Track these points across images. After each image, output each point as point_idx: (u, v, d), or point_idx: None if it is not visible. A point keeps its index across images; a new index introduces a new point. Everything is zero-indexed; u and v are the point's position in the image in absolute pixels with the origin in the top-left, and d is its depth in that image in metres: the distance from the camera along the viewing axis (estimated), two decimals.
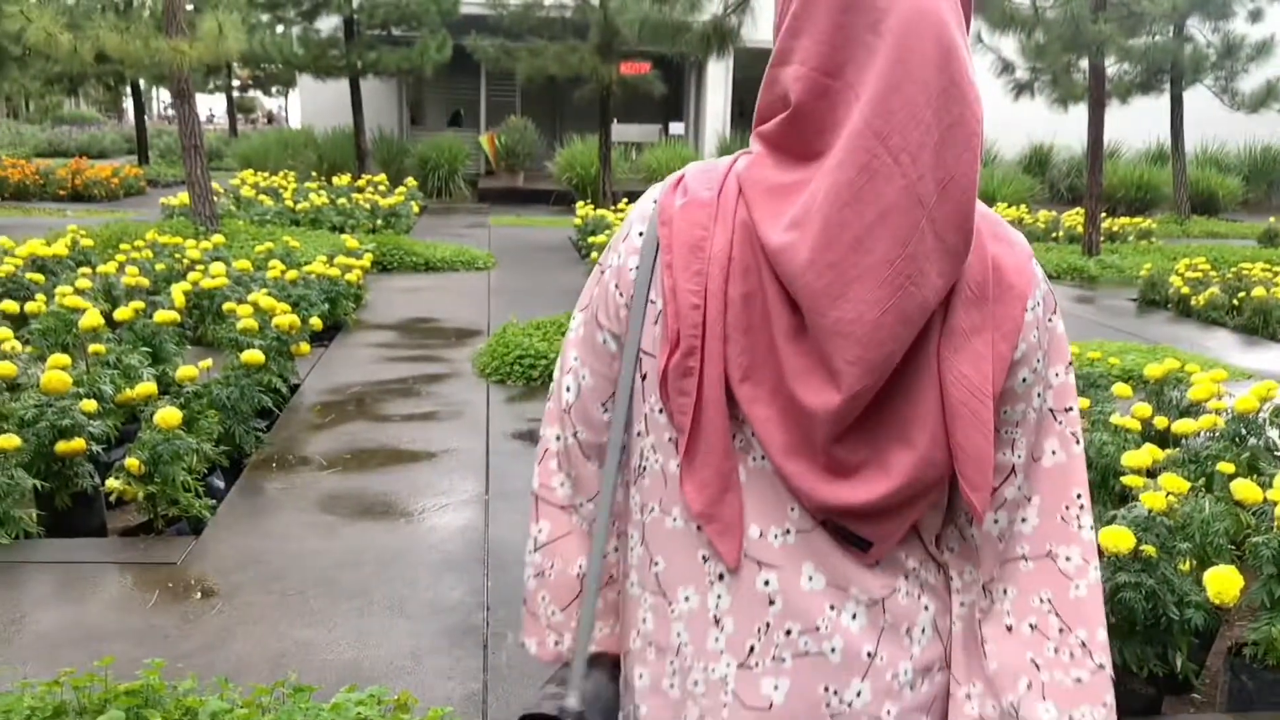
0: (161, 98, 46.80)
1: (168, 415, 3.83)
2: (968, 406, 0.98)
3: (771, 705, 1.05)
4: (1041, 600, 1.05)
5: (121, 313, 5.45)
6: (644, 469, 1.10)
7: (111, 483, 3.84)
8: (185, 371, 4.49)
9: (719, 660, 1.06)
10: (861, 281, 0.92)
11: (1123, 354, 6.94)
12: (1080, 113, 12.49)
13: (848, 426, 0.97)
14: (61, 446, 3.95)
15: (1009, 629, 1.06)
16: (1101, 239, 12.46)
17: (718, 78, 20.78)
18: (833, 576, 1.04)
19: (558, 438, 1.22)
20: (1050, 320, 1.04)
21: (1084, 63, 11.73)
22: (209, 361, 4.89)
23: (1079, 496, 1.06)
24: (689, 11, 7.66)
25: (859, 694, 1.05)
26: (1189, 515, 3.06)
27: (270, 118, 51.17)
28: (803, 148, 0.98)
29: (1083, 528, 1.06)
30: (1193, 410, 4.42)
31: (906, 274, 0.92)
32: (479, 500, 4.24)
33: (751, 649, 1.05)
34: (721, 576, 1.05)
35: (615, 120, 16.49)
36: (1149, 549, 2.69)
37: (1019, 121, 17.09)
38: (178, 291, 6.46)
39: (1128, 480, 3.16)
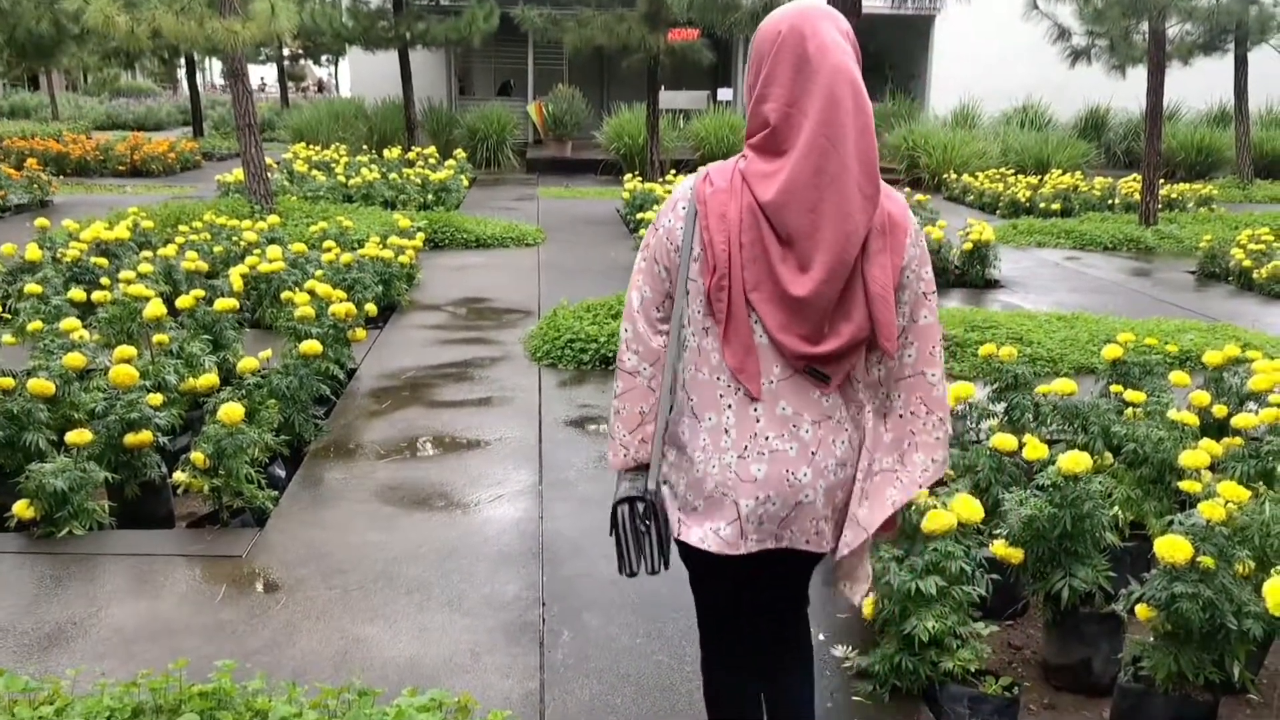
0: (214, 68, 47.21)
1: (231, 410, 3.94)
2: (880, 295, 1.84)
3: (756, 479, 1.88)
4: (916, 398, 1.95)
5: (183, 301, 5.57)
6: (685, 346, 1.94)
7: (178, 476, 3.97)
8: (246, 363, 4.60)
9: (727, 453, 1.89)
10: (826, 218, 1.78)
11: (1180, 334, 6.81)
12: (1138, 73, 12.16)
13: (820, 312, 1.81)
14: (130, 439, 4.09)
15: (900, 415, 1.97)
16: (1159, 207, 12.16)
17: None
18: (796, 407, 1.89)
19: (627, 330, 2.00)
20: (920, 244, 1.91)
21: (1144, 25, 11.42)
22: (268, 352, 5.00)
23: (937, 343, 1.96)
24: None
25: (805, 474, 1.90)
26: (1249, 516, 3.03)
27: (321, 86, 51.49)
28: (777, 148, 1.83)
29: (938, 359, 1.96)
30: (1254, 397, 4.34)
31: (847, 212, 1.78)
32: (533, 490, 4.31)
33: (745, 447, 1.89)
34: (730, 406, 1.89)
35: (663, 87, 16.37)
36: (1206, 560, 2.67)
37: (1074, 83, 16.69)
38: (235, 275, 6.60)
39: (1185, 485, 3.13)
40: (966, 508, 2.99)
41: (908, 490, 1.96)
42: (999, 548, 3.15)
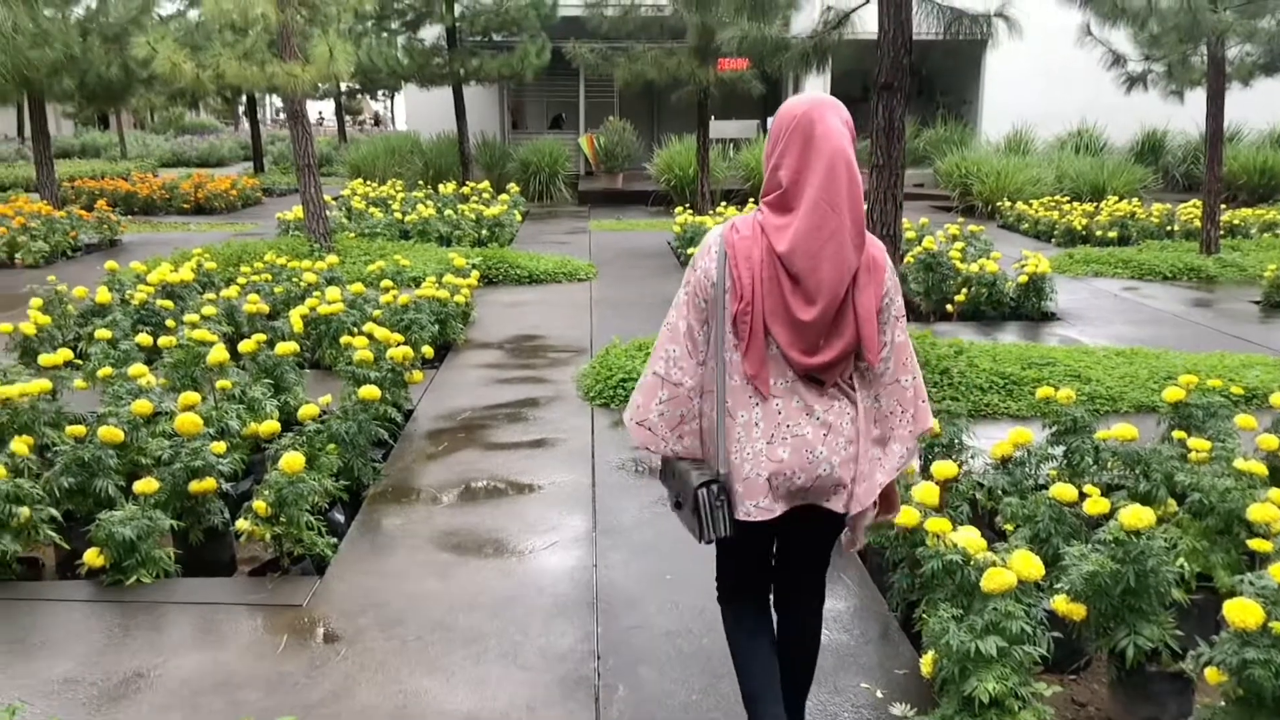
0: (275, 102, 48.39)
1: (292, 460, 4.02)
2: (867, 317, 2.37)
3: (782, 459, 2.38)
4: (894, 400, 2.48)
5: (245, 346, 5.71)
6: (720, 364, 2.40)
7: (241, 524, 4.05)
8: (306, 410, 4.70)
9: (757, 442, 2.39)
10: (825, 262, 2.29)
11: (1245, 369, 6.65)
12: (1197, 94, 11.93)
13: (819, 332, 2.34)
14: (195, 486, 4.19)
15: (885, 414, 2.49)
16: (1221, 234, 11.90)
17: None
18: (804, 402, 2.40)
19: (674, 350, 2.46)
20: (894, 279, 2.44)
21: (1202, 49, 11.23)
22: (328, 398, 5.10)
23: (910, 356, 2.50)
24: (786, 25, 7.63)
25: (821, 452, 2.40)
26: None
27: (377, 119, 52.52)
28: (787, 206, 2.35)
29: (911, 367, 2.50)
30: None
31: (841, 258, 2.30)
32: (587, 538, 4.33)
33: (772, 436, 2.39)
34: (756, 405, 2.39)
35: (713, 118, 16.45)
36: (1279, 626, 2.60)
37: (1130, 106, 16.43)
38: (295, 317, 6.75)
39: (1255, 545, 3.06)
40: (1026, 565, 2.95)
41: (890, 474, 2.52)
42: (1060, 603, 3.11)
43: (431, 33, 18.50)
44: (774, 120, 2.46)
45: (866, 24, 6.64)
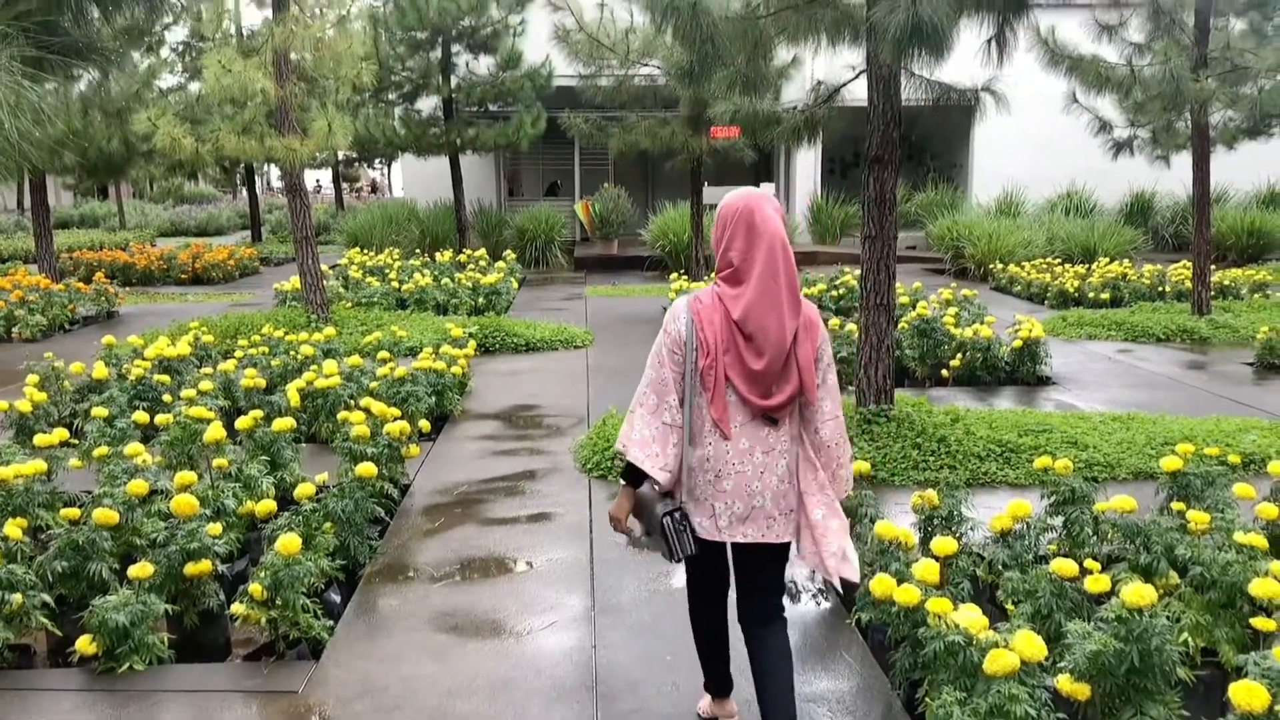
0: (272, 171, 48.96)
1: (288, 542, 3.99)
2: (806, 366, 2.93)
3: (726, 490, 2.93)
4: (833, 430, 3.05)
5: (242, 422, 5.71)
6: (690, 408, 2.94)
7: (236, 607, 4.01)
8: (303, 490, 4.68)
9: (710, 473, 2.95)
10: (770, 324, 2.88)
11: (1241, 434, 6.66)
12: (1184, 157, 12.09)
13: (770, 380, 2.90)
14: (190, 569, 4.16)
15: (825, 446, 3.05)
16: (1212, 295, 12.00)
17: None
18: (753, 441, 2.94)
19: (653, 398, 3.00)
20: (824, 335, 3.01)
21: (1186, 114, 11.42)
22: (324, 476, 5.09)
23: (839, 397, 3.07)
24: (777, 96, 7.77)
25: (757, 486, 2.94)
26: None
27: (374, 186, 53.08)
28: (737, 280, 2.92)
29: (839, 404, 3.07)
30: None
31: (782, 321, 2.89)
32: (586, 617, 4.29)
33: (720, 470, 2.94)
34: (715, 443, 2.93)
35: (706, 184, 16.65)
36: None
37: (1118, 168, 16.68)
38: (293, 391, 6.75)
39: (1259, 623, 3.04)
40: (1029, 646, 2.93)
41: (835, 499, 3.07)
42: (1064, 683, 3.07)
43: (428, 104, 18.78)
44: (719, 213, 3.03)
45: (857, 91, 6.77)
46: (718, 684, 3.37)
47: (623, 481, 3.05)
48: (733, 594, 3.19)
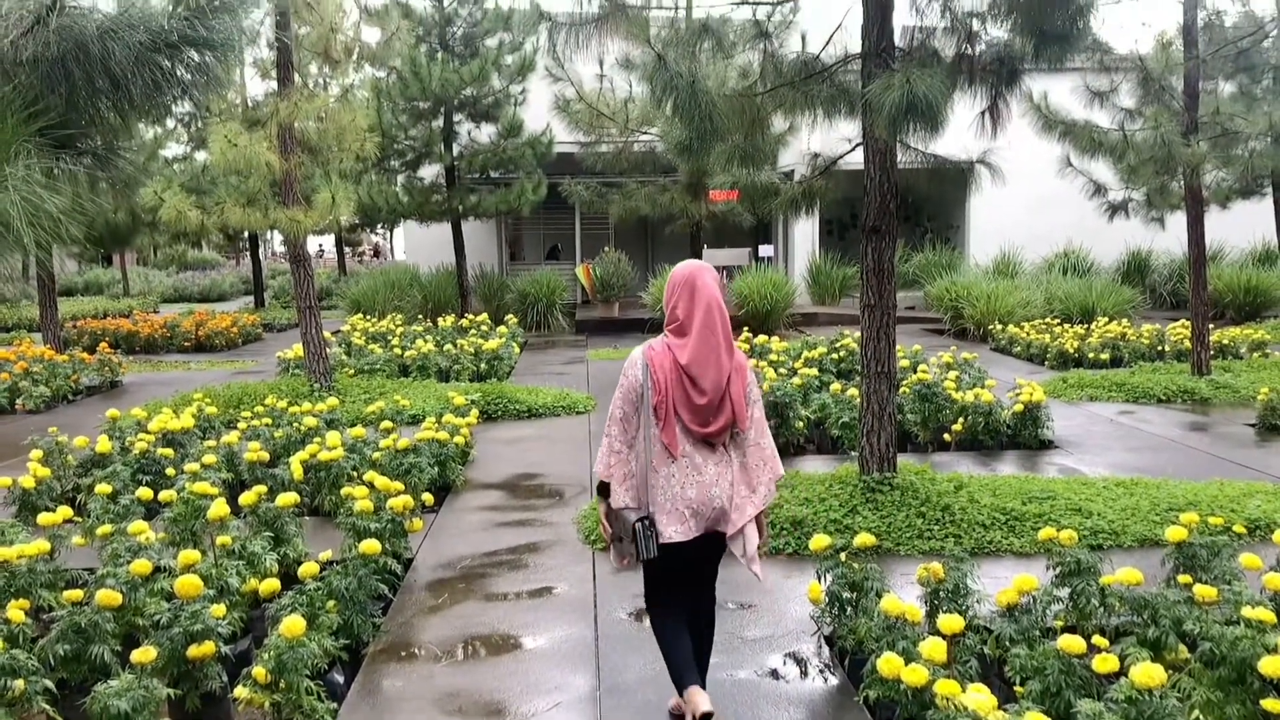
0: (275, 237, 49.46)
1: (293, 624, 3.98)
2: (738, 400, 3.70)
3: (690, 498, 3.66)
4: (757, 456, 3.80)
5: (246, 498, 5.71)
6: (649, 436, 3.67)
7: (239, 691, 3.98)
8: (307, 569, 4.67)
9: (674, 487, 3.67)
10: (709, 368, 3.64)
11: (1246, 499, 6.65)
12: (1178, 217, 12.20)
13: (709, 412, 3.65)
14: (193, 651, 4.13)
15: (751, 466, 3.79)
16: (1211, 354, 12.05)
17: None
18: (702, 460, 3.69)
19: (614, 431, 3.73)
20: (751, 375, 3.82)
21: (1179, 176, 11.57)
22: (328, 553, 5.08)
23: (766, 426, 3.91)
24: (774, 163, 7.88)
25: (714, 492, 3.69)
26: None
27: (377, 251, 53.52)
28: (682, 333, 3.70)
29: (765, 434, 3.87)
30: None
31: (720, 365, 3.66)
32: (591, 697, 4.26)
33: (684, 483, 3.67)
34: (670, 462, 3.66)
35: (705, 246, 16.83)
36: None
37: (1114, 228, 16.86)
38: (296, 464, 6.76)
39: (1269, 705, 3.02)
40: None
41: (759, 506, 3.79)
42: None
43: (430, 171, 19.05)
44: (669, 281, 3.80)
45: (854, 155, 6.88)
46: (682, 676, 3.80)
47: (598, 495, 3.82)
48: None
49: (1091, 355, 13.39)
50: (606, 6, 5.92)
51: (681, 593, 3.89)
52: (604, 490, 3.76)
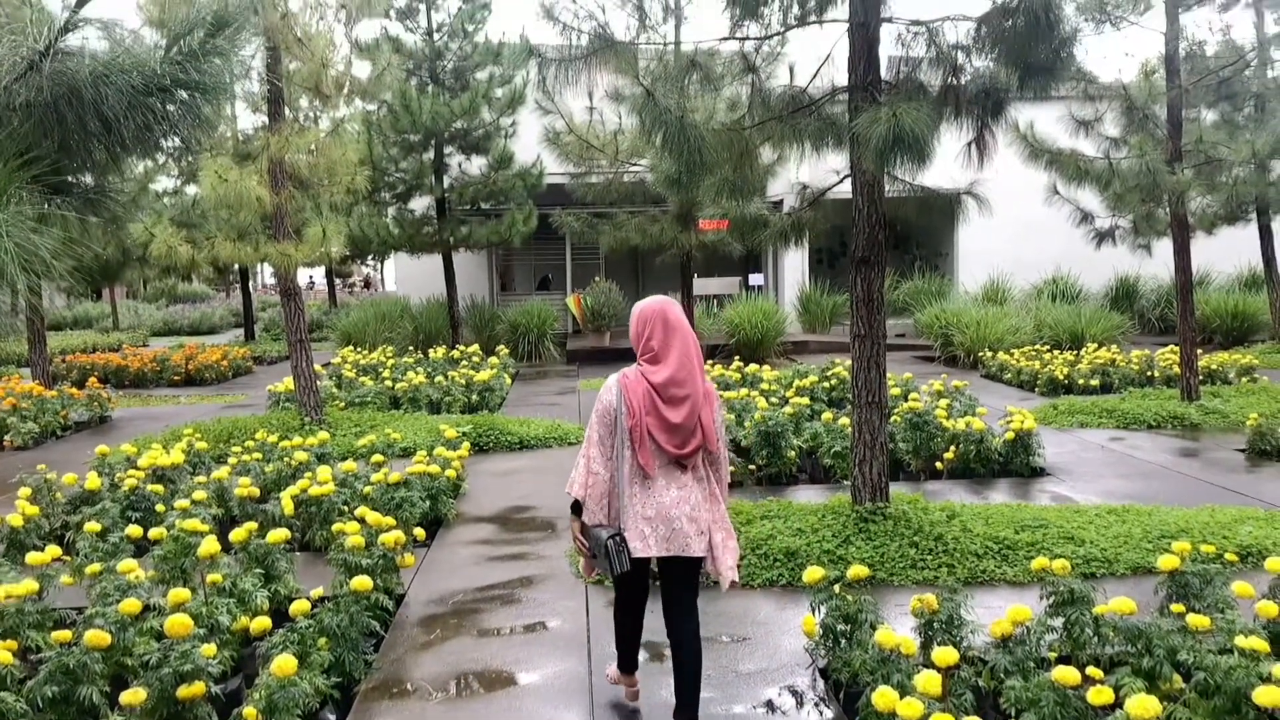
0: (265, 269, 49.46)
1: (284, 664, 3.95)
2: (709, 424, 3.99)
3: (651, 517, 3.93)
4: (721, 475, 4.14)
5: (236, 535, 5.67)
6: (622, 458, 3.93)
7: None
8: (298, 606, 4.64)
9: (637, 505, 3.94)
10: (686, 385, 3.91)
11: (1237, 525, 6.66)
12: (1165, 242, 12.30)
13: (686, 433, 3.92)
14: (183, 692, 4.09)
15: (716, 484, 4.10)
16: (1200, 379, 12.10)
17: None
18: (669, 481, 3.97)
19: (593, 453, 3.97)
20: (718, 402, 4.12)
21: (1165, 203, 11.68)
22: (320, 590, 5.05)
23: (727, 451, 4.60)
24: (763, 195, 7.93)
25: (676, 513, 3.94)
26: None
27: (368, 282, 53.56)
28: (657, 361, 3.95)
29: (726, 453, 4.17)
30: None
31: (693, 391, 3.93)
32: None
33: (647, 502, 3.93)
34: (642, 482, 3.95)
35: (695, 275, 16.90)
36: None
37: (1102, 254, 17.00)
38: (287, 499, 6.73)
39: None
40: None
41: (722, 526, 4.05)
42: None
43: (421, 203, 19.11)
44: (638, 315, 4.06)
45: (843, 185, 6.93)
46: (628, 663, 4.42)
47: (572, 514, 4.06)
48: (657, 602, 4.18)
49: (1081, 381, 13.44)
50: (595, 42, 5.98)
51: (644, 603, 4.32)
52: (576, 508, 4.02)
